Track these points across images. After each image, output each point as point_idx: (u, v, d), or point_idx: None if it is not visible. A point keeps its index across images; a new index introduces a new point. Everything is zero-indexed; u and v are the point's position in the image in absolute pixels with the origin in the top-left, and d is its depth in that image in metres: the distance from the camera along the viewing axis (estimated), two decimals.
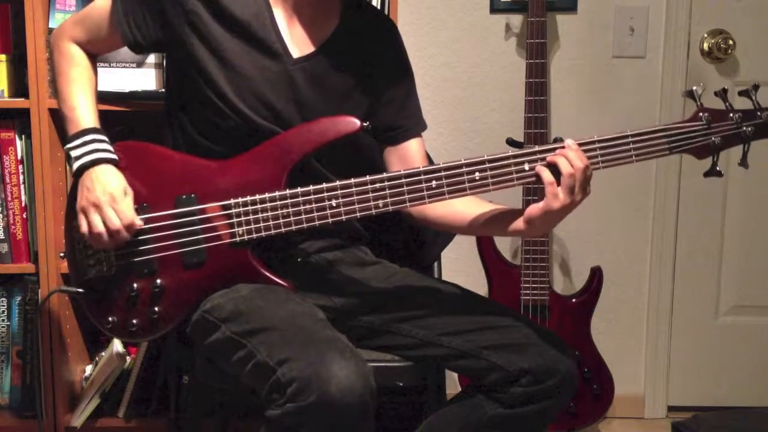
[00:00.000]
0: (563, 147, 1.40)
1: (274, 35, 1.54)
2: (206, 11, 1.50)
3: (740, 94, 1.44)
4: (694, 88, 1.43)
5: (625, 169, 1.52)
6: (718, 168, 1.45)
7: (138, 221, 1.48)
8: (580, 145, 1.41)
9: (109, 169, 1.50)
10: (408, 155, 1.66)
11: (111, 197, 1.47)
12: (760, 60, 2.49)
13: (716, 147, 1.43)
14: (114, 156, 1.52)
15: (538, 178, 1.41)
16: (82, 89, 1.58)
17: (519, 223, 1.45)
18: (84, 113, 1.55)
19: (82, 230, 1.49)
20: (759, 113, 1.42)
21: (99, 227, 1.46)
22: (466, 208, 1.55)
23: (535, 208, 1.41)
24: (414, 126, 1.68)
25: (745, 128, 1.42)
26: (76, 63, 1.60)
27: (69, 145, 1.53)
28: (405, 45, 1.71)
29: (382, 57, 1.64)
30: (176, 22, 1.51)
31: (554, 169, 1.39)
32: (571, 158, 1.39)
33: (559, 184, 1.38)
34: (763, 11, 2.47)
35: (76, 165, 1.51)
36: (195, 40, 1.51)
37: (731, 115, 1.42)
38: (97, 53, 1.66)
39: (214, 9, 1.51)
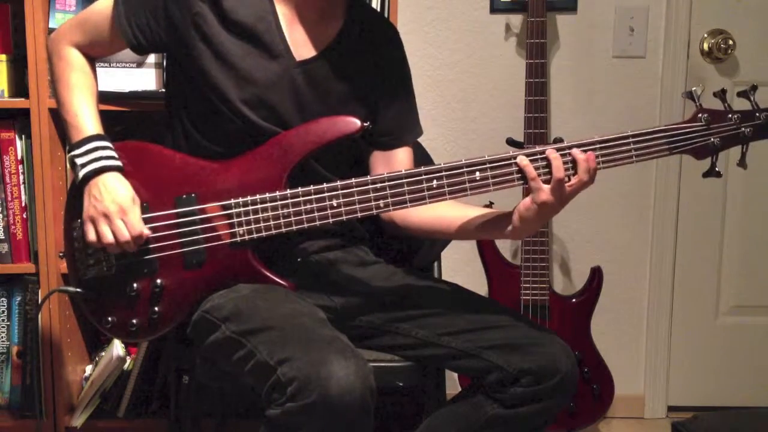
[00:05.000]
0: (569, 149, 1.40)
1: (277, 37, 1.53)
2: (211, 13, 1.50)
3: (739, 95, 1.45)
4: (694, 89, 1.43)
5: (625, 169, 1.52)
6: (717, 168, 1.45)
7: (146, 231, 1.48)
8: (580, 145, 1.41)
9: (116, 176, 1.50)
10: (395, 163, 1.65)
11: (120, 208, 1.46)
12: (760, 60, 2.49)
13: (715, 148, 1.43)
14: (119, 163, 1.52)
15: (523, 172, 1.41)
16: (84, 95, 1.57)
17: (502, 225, 1.47)
18: (87, 120, 1.55)
19: (89, 239, 1.49)
20: (757, 114, 1.43)
21: (108, 239, 1.47)
22: (448, 211, 1.55)
23: (517, 209, 1.42)
24: (407, 135, 1.68)
25: (743, 129, 1.42)
26: (76, 68, 1.59)
27: (73, 153, 1.52)
28: (405, 45, 1.70)
29: (383, 63, 1.64)
30: (182, 25, 1.51)
31: (547, 165, 1.40)
32: (580, 168, 1.39)
33: (545, 182, 1.40)
34: (763, 11, 2.47)
35: (81, 173, 1.50)
36: (199, 42, 1.51)
37: (730, 116, 1.43)
38: (97, 56, 1.66)
39: (218, 11, 1.50)
